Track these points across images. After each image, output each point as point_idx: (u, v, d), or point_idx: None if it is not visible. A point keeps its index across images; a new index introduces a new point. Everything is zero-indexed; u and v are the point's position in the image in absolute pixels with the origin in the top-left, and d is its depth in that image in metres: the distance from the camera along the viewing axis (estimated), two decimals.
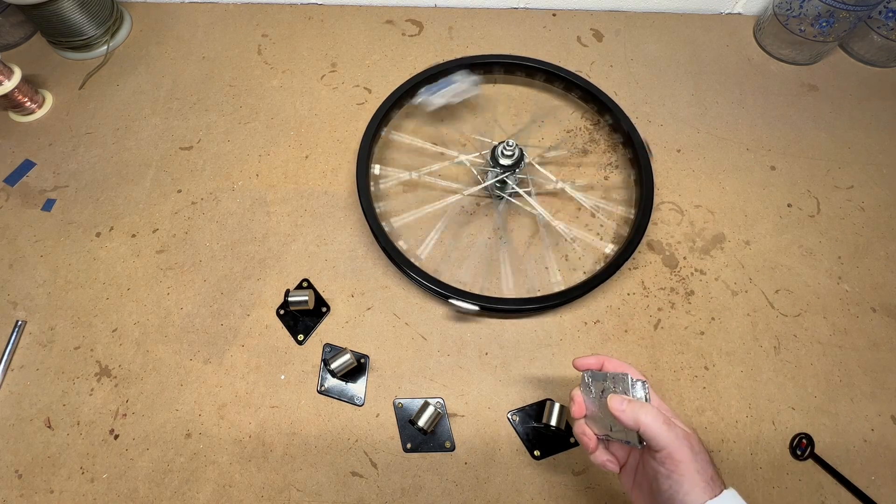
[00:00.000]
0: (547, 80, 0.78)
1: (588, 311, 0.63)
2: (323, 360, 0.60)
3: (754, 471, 0.55)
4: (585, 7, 0.88)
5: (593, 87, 0.73)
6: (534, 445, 0.56)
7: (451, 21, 0.87)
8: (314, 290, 0.64)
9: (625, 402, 0.39)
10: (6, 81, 0.72)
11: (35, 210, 0.70)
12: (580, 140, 0.75)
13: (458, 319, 0.62)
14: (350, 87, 0.80)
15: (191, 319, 0.62)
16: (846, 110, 0.78)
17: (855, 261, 0.66)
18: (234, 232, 0.68)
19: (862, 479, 0.54)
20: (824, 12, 0.73)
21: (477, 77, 0.72)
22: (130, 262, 0.66)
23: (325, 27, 0.87)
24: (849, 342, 0.61)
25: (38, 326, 0.62)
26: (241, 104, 0.78)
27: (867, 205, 0.70)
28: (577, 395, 0.44)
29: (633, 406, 0.39)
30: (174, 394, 0.58)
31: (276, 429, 0.57)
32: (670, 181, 0.72)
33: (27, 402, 0.58)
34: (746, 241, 0.67)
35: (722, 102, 0.79)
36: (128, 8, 0.88)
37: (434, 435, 0.56)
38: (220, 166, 0.73)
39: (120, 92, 0.80)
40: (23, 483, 0.54)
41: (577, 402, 0.44)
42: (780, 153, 0.74)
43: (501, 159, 0.62)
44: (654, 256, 0.66)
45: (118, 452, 0.56)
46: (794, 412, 0.58)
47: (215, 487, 0.54)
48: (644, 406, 0.39)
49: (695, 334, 0.62)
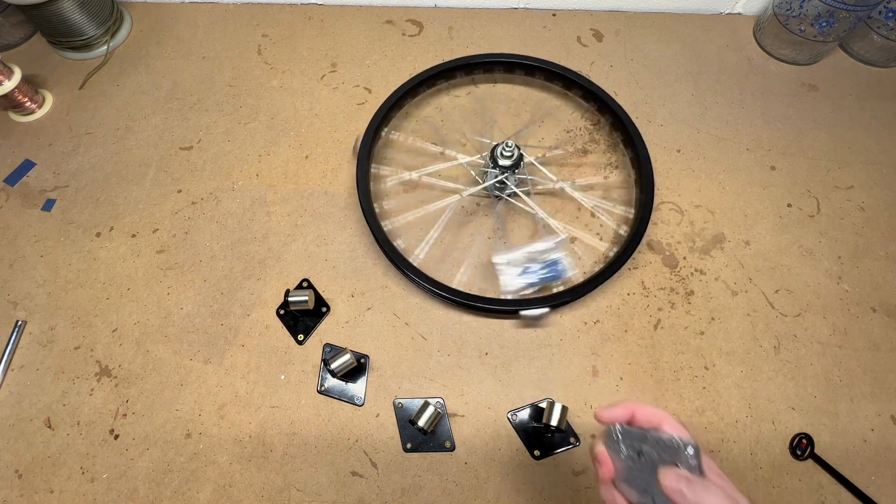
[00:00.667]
0: (547, 80, 0.78)
1: (588, 311, 0.63)
2: (323, 360, 0.60)
3: (754, 471, 0.55)
4: (585, 7, 0.88)
5: (594, 86, 0.73)
6: (534, 445, 0.56)
7: (451, 21, 0.87)
8: (314, 290, 0.64)
9: (682, 480, 0.32)
10: (6, 81, 0.72)
11: (35, 210, 0.70)
12: (580, 140, 0.75)
13: (458, 319, 0.62)
14: (350, 87, 0.80)
15: (191, 319, 0.62)
16: (846, 110, 0.78)
17: (855, 261, 0.66)
18: (234, 232, 0.68)
19: (862, 479, 0.54)
20: (824, 12, 0.73)
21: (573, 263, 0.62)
22: (130, 262, 0.66)
23: (325, 27, 0.87)
24: (849, 342, 0.61)
25: (38, 326, 0.62)
26: (242, 104, 0.78)
27: (867, 205, 0.70)
28: (602, 455, 0.36)
29: (694, 489, 0.31)
30: (174, 394, 0.58)
31: (276, 429, 0.57)
32: (670, 181, 0.72)
33: (27, 402, 0.58)
34: (746, 241, 0.67)
35: (722, 102, 0.79)
36: (128, 8, 0.88)
37: (434, 435, 0.56)
38: (220, 166, 0.73)
39: (120, 92, 0.80)
40: (23, 483, 0.54)
41: (603, 463, 0.35)
42: (780, 153, 0.74)
43: (500, 160, 0.62)
44: (654, 256, 0.66)
45: (118, 452, 0.56)
46: (794, 412, 0.58)
47: (215, 487, 0.54)
48: (708, 489, 0.31)
49: (695, 334, 0.62)
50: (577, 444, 0.56)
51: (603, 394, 0.58)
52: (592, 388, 0.59)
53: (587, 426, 0.57)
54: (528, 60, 0.75)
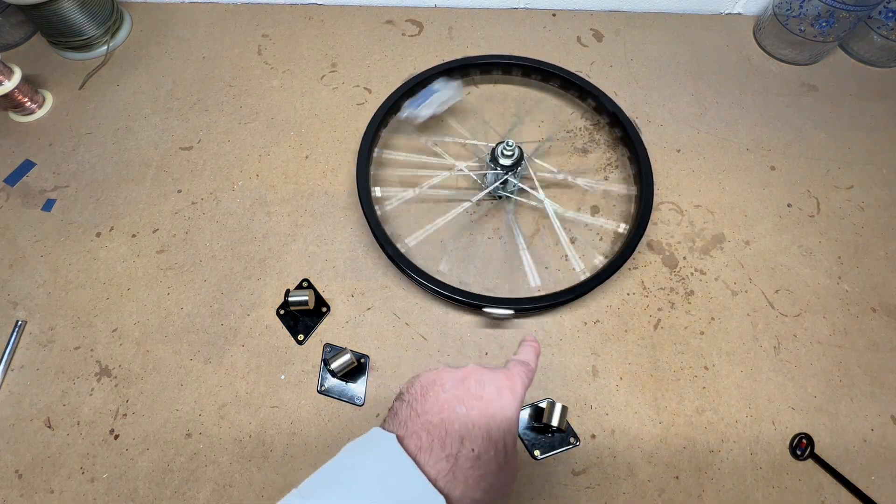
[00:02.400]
0: (547, 81, 0.78)
1: (588, 311, 0.63)
2: (323, 360, 0.60)
3: (754, 471, 0.55)
4: (585, 7, 0.88)
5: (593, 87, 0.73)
6: (534, 445, 0.56)
7: (451, 21, 0.87)
8: (314, 290, 0.64)
9: None
10: (6, 81, 0.72)
11: (35, 210, 0.70)
12: (580, 140, 0.75)
13: (458, 319, 0.62)
14: (350, 87, 0.80)
15: (191, 319, 0.62)
16: (846, 110, 0.78)
17: (855, 261, 0.66)
18: (234, 232, 0.68)
19: (862, 479, 0.54)
20: (824, 12, 0.73)
21: (458, 81, 0.70)
22: (131, 262, 0.66)
23: (325, 27, 0.87)
24: (849, 342, 0.61)
25: (38, 326, 0.62)
26: (242, 104, 0.78)
27: (867, 205, 0.70)
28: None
29: None
30: (174, 394, 0.58)
31: (276, 429, 0.57)
32: (670, 181, 0.72)
33: (27, 402, 0.58)
34: (746, 241, 0.67)
35: (722, 102, 0.79)
36: (128, 8, 0.88)
37: None
38: (221, 166, 0.73)
39: (120, 92, 0.80)
40: (23, 483, 0.54)
41: None
42: (780, 153, 0.74)
43: (501, 159, 0.62)
44: (653, 256, 0.67)
45: (118, 452, 0.56)
46: (794, 412, 0.58)
47: (215, 487, 0.54)
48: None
49: (695, 334, 0.62)
50: (577, 444, 0.56)
51: (603, 394, 0.58)
52: (592, 388, 0.59)
53: (587, 426, 0.57)
54: (528, 62, 0.75)
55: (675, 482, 0.54)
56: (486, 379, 0.33)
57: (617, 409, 0.58)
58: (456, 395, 0.32)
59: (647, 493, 0.54)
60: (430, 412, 0.31)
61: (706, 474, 0.55)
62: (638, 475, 0.55)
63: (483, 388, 0.32)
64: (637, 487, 0.54)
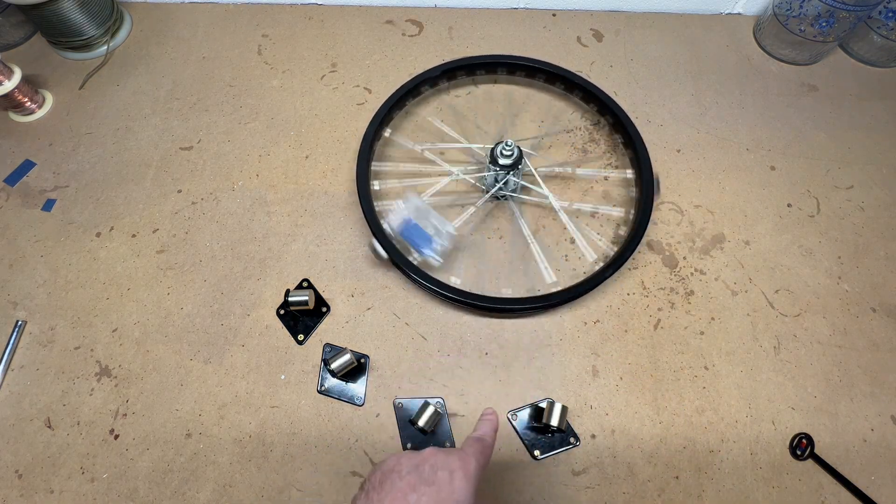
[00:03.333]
0: (547, 81, 0.78)
1: (588, 311, 0.63)
2: (323, 360, 0.60)
3: (754, 471, 0.55)
4: (585, 7, 0.88)
5: (593, 87, 0.73)
6: (534, 445, 0.56)
7: (451, 21, 0.87)
8: (314, 290, 0.64)
9: None
10: (6, 81, 0.72)
11: (35, 210, 0.70)
12: (580, 140, 0.75)
13: (458, 319, 0.62)
14: (350, 87, 0.80)
15: (191, 319, 0.62)
16: (846, 110, 0.78)
17: (855, 261, 0.66)
18: (234, 232, 0.68)
19: (862, 479, 0.54)
20: (824, 12, 0.73)
21: (414, 196, 0.62)
22: (130, 262, 0.66)
23: (325, 27, 0.87)
24: (848, 342, 0.61)
25: (38, 326, 0.62)
26: (242, 104, 0.78)
27: (867, 205, 0.70)
28: None
29: None
30: (174, 394, 0.58)
31: (276, 429, 0.57)
32: (670, 181, 0.72)
33: (27, 402, 0.58)
34: (746, 241, 0.67)
35: (722, 102, 0.79)
36: (128, 8, 0.88)
37: (434, 435, 0.56)
38: (221, 166, 0.73)
39: (120, 92, 0.80)
40: (23, 483, 0.54)
41: None
42: (780, 153, 0.74)
43: (501, 159, 0.62)
44: (653, 256, 0.67)
45: (118, 452, 0.56)
46: (794, 412, 0.58)
47: (215, 487, 0.54)
48: None
49: (695, 334, 0.62)
50: (577, 444, 0.56)
51: (603, 394, 0.58)
52: (592, 388, 0.59)
53: (587, 426, 0.57)
54: (528, 62, 0.75)
55: (675, 482, 0.54)
56: (439, 464, 0.34)
57: (617, 409, 0.58)
58: (409, 482, 0.33)
59: (647, 493, 0.54)
60: (384, 501, 0.32)
61: (706, 474, 0.55)
62: (638, 475, 0.55)
63: (435, 474, 0.34)
64: (637, 487, 0.54)
